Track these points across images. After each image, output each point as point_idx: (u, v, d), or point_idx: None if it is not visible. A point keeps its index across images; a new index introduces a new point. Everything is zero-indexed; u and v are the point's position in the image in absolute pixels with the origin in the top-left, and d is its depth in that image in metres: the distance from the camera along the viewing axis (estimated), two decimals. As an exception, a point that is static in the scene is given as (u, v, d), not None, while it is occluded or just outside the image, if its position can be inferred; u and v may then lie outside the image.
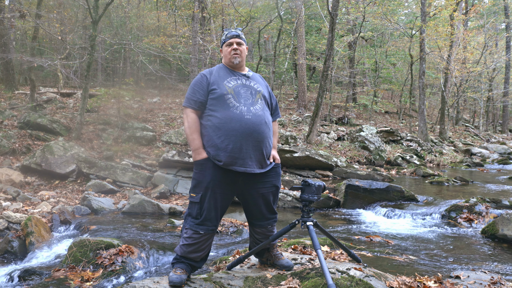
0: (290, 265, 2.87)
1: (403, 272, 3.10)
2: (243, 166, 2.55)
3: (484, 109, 24.36)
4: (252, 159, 2.58)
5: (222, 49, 2.80)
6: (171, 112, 14.31)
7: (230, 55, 2.74)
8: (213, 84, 2.64)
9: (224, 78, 2.69)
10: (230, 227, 4.90)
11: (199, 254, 2.62)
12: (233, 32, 2.78)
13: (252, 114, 2.59)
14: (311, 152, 9.45)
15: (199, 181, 2.59)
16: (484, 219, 5.24)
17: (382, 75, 22.19)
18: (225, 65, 2.80)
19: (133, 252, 3.74)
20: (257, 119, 2.61)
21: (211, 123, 2.59)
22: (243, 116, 2.56)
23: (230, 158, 2.53)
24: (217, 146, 2.55)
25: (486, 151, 15.40)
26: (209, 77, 2.68)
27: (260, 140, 2.60)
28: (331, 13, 12.20)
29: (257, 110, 2.64)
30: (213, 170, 2.56)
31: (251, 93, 2.69)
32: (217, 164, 2.55)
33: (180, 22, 18.69)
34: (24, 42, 16.69)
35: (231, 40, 2.76)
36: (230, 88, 2.64)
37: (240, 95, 2.63)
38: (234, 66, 2.76)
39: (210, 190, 2.56)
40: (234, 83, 2.68)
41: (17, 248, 4.35)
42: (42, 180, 7.52)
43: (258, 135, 2.59)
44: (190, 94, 2.68)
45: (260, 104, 2.69)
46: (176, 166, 8.14)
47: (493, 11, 26.29)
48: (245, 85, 2.70)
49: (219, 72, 2.73)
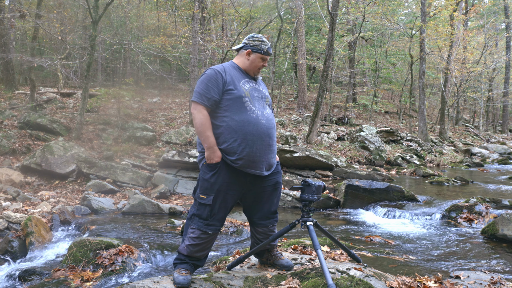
0: (290, 265, 2.87)
1: (403, 272, 3.10)
2: (255, 169, 2.59)
3: (484, 109, 24.36)
4: (264, 162, 2.62)
5: (252, 54, 2.69)
6: (171, 112, 14.32)
7: (257, 69, 2.72)
8: (229, 84, 2.57)
9: (239, 79, 2.64)
10: (230, 227, 4.90)
11: (204, 252, 2.66)
12: (271, 50, 2.73)
13: (265, 119, 2.63)
14: (311, 152, 9.45)
15: (212, 183, 2.56)
16: (484, 219, 5.24)
17: (382, 75, 22.18)
18: (238, 66, 2.72)
19: (133, 252, 3.74)
20: (269, 123, 2.66)
21: (227, 125, 2.55)
22: (259, 121, 2.59)
23: (245, 161, 2.54)
24: (233, 149, 2.53)
25: (486, 151, 15.40)
26: (224, 76, 2.59)
27: (271, 144, 2.66)
28: (331, 13, 12.20)
29: (268, 115, 2.69)
30: (226, 172, 2.56)
31: (261, 97, 2.71)
32: (232, 165, 2.55)
33: (180, 22, 18.69)
34: (24, 42, 16.69)
35: (268, 57, 2.71)
36: (247, 91, 2.61)
37: (254, 99, 2.63)
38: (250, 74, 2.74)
39: (222, 192, 2.56)
40: (248, 86, 2.65)
41: (17, 248, 4.35)
42: (42, 180, 7.52)
43: (269, 139, 2.64)
44: (203, 90, 2.56)
45: (268, 109, 2.74)
46: (176, 166, 8.14)
47: (493, 11, 26.28)
48: (256, 89, 2.69)
49: (232, 71, 2.66)
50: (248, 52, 2.69)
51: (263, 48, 2.67)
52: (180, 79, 20.00)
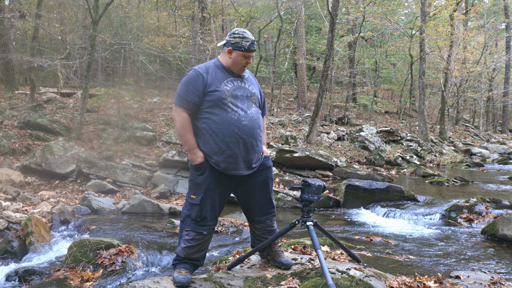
0: (289, 263, 2.87)
1: (403, 272, 3.10)
2: (238, 170, 2.59)
3: (484, 109, 24.36)
4: (248, 162, 2.62)
5: (233, 52, 2.58)
6: (171, 112, 14.29)
7: (240, 67, 2.62)
8: (210, 86, 2.53)
9: (221, 80, 2.58)
10: (230, 227, 4.90)
11: (201, 253, 2.66)
12: (254, 46, 2.59)
13: (248, 119, 2.59)
14: (311, 152, 9.45)
15: (198, 183, 2.58)
16: (484, 219, 5.24)
17: (382, 75, 22.18)
18: (222, 64, 2.65)
19: (133, 252, 3.74)
20: (253, 124, 2.60)
21: (207, 127, 2.54)
22: (241, 122, 2.55)
23: (226, 164, 2.54)
24: (213, 151, 2.53)
25: (486, 151, 15.40)
26: (205, 77, 2.55)
27: (254, 144, 2.61)
28: (331, 13, 12.20)
29: (253, 114, 2.63)
30: (211, 171, 2.57)
31: (246, 96, 2.64)
32: (215, 167, 2.57)
33: (180, 22, 18.68)
34: (24, 42, 16.69)
35: (251, 54, 2.60)
36: (228, 92, 2.56)
37: (237, 99, 2.58)
38: (234, 71, 2.66)
39: (210, 191, 2.57)
40: (231, 85, 2.60)
41: (17, 248, 4.35)
42: (42, 180, 7.52)
43: (253, 139, 2.60)
44: (183, 92, 2.56)
45: (254, 107, 2.68)
46: (176, 166, 8.15)
47: (493, 11, 26.28)
48: (241, 88, 2.63)
49: (216, 72, 2.60)
50: (229, 50, 2.59)
51: (244, 45, 2.55)
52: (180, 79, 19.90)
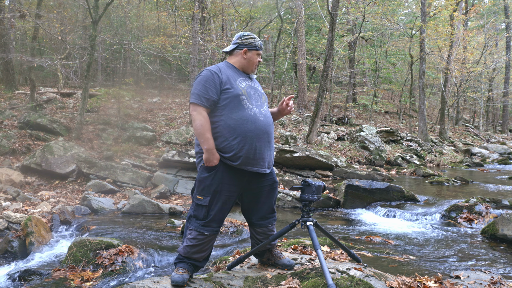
0: (292, 263, 2.88)
1: (403, 272, 3.10)
2: (255, 167, 2.59)
3: (484, 109, 24.35)
4: (264, 159, 2.64)
5: (249, 52, 2.72)
6: (171, 112, 14.31)
7: (254, 66, 2.75)
8: (226, 83, 2.58)
9: (235, 78, 2.65)
10: (230, 227, 4.90)
11: (202, 254, 2.63)
12: (261, 43, 2.79)
13: (263, 116, 2.65)
14: (311, 152, 9.45)
15: (208, 184, 2.55)
16: (484, 219, 5.24)
17: (382, 75, 22.18)
18: (233, 65, 2.74)
19: (133, 252, 3.74)
20: (267, 120, 2.68)
21: (225, 124, 2.55)
22: (257, 118, 2.60)
23: (245, 159, 2.54)
24: (232, 147, 2.53)
25: (486, 151, 15.39)
26: (220, 75, 2.59)
27: (269, 140, 2.67)
28: (331, 13, 12.20)
29: (266, 112, 2.71)
30: (223, 172, 2.55)
31: (258, 95, 2.72)
32: (230, 164, 2.54)
33: (180, 22, 18.67)
34: (24, 42, 16.68)
35: (260, 52, 2.76)
36: (243, 89, 2.62)
37: (251, 97, 2.64)
38: (248, 71, 2.76)
39: (218, 193, 2.55)
40: (244, 84, 2.66)
41: (17, 248, 4.35)
42: (42, 180, 7.52)
43: (268, 136, 2.66)
44: (201, 91, 2.55)
45: (266, 106, 2.76)
46: (176, 166, 8.15)
47: (493, 11, 26.27)
48: (252, 87, 2.71)
49: (227, 71, 2.66)
50: (244, 51, 2.72)
51: (257, 45, 2.74)
52: (180, 79, 20.00)
